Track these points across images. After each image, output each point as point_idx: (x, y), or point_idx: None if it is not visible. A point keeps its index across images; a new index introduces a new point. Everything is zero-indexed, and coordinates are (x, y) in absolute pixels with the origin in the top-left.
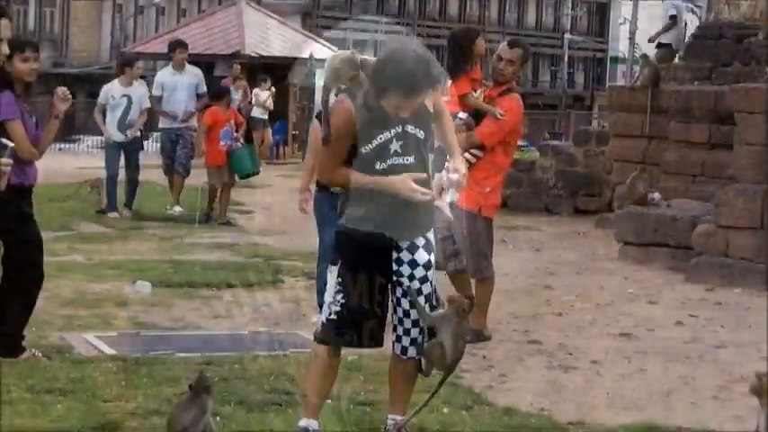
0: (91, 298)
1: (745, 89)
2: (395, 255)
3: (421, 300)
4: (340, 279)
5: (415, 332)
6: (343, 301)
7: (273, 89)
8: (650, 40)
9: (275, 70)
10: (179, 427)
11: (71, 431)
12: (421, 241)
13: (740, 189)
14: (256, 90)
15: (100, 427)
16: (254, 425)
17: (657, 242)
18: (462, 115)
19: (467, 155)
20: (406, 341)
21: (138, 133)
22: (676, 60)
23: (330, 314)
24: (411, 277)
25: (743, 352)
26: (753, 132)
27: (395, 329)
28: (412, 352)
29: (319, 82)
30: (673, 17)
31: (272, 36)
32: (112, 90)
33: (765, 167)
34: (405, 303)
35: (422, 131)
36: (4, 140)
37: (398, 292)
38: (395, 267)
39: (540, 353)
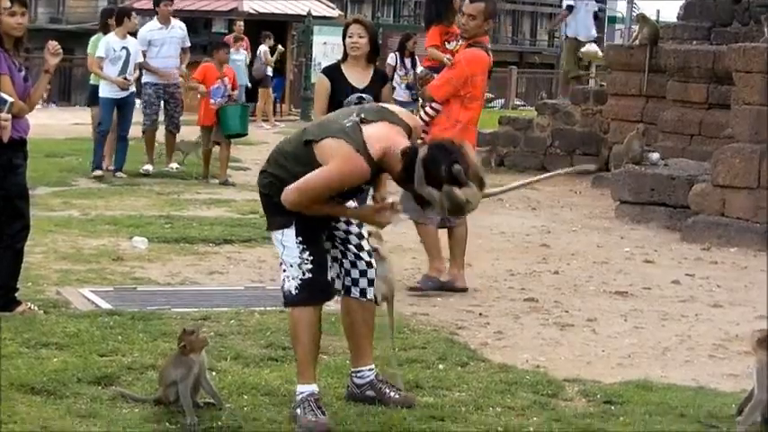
0: (87, 253)
1: (744, 49)
2: None
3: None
4: (301, 238)
5: (371, 272)
6: (311, 257)
7: (281, 48)
8: (553, 34)
9: (273, 28)
10: (169, 380)
11: (67, 385)
12: None
13: (737, 148)
14: (264, 48)
15: (96, 380)
16: (250, 380)
17: (654, 201)
18: (419, 69)
19: (426, 109)
20: (363, 283)
21: (134, 88)
22: (588, 48)
23: (304, 274)
24: (348, 222)
25: (739, 311)
26: (751, 92)
27: (348, 274)
28: (371, 293)
29: (317, 38)
30: (569, 8)
31: None
32: (112, 42)
33: (763, 127)
34: (352, 247)
35: None
36: (4, 95)
37: (338, 238)
38: None
39: (537, 310)
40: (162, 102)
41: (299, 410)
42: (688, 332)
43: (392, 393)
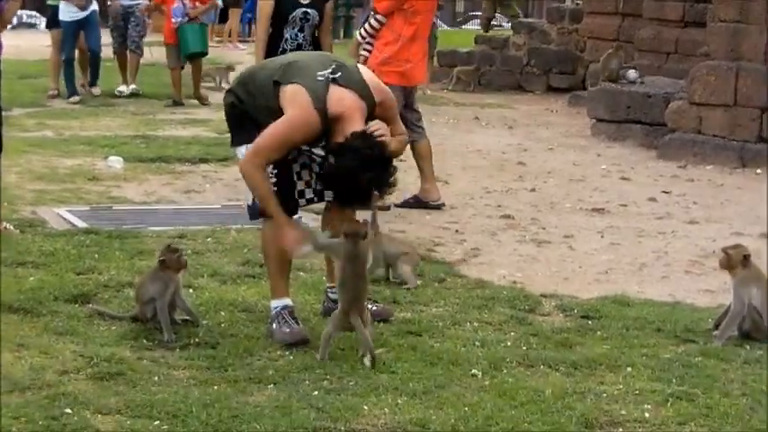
0: (62, 173)
1: None
2: None
3: None
4: None
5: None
6: (276, 170)
7: None
8: None
9: None
10: (146, 297)
11: (44, 303)
12: None
13: (713, 66)
14: None
15: (72, 299)
16: (227, 296)
17: (630, 119)
18: None
19: (371, 20)
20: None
21: (96, 6)
22: None
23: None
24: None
25: (715, 227)
26: (726, 9)
27: (309, 186)
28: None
29: None
30: None
31: None
32: None
33: (738, 44)
34: (316, 166)
35: None
36: None
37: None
38: None
39: (513, 227)
40: (125, 22)
41: (274, 325)
42: (664, 248)
43: (369, 305)
